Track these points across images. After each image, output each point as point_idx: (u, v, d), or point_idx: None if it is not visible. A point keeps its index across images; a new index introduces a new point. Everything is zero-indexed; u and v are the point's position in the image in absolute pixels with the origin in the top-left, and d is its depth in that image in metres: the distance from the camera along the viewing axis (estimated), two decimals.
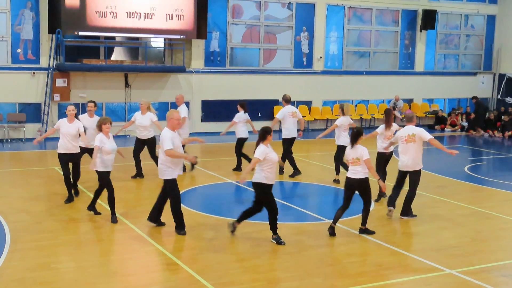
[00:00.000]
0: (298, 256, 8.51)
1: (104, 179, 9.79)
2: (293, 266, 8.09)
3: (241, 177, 9.07)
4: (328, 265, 8.13)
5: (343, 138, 12.78)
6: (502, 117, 23.64)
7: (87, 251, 8.43)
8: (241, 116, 14.21)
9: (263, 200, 8.81)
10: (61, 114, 19.62)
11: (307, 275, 7.75)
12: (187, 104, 20.51)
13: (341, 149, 12.53)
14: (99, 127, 9.81)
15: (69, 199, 11.07)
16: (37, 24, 18.95)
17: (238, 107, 14.39)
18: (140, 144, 13.34)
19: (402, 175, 10.50)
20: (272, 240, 8.87)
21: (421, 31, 25.24)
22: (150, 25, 19.79)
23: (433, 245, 9.07)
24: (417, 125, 10.56)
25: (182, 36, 20.46)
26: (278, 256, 8.34)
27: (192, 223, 9.85)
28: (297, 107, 22.86)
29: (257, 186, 8.76)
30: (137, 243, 8.89)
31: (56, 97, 19.15)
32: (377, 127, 13.33)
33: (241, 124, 14.21)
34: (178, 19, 20.20)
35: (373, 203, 11.07)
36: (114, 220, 9.76)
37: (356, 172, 9.21)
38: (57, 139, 11.14)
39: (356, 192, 9.34)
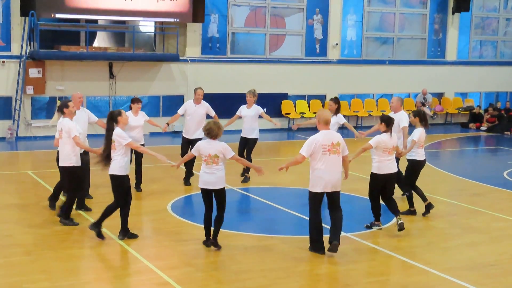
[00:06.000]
0: (311, 275, 8.51)
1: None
2: (305, 286, 8.09)
3: None
4: (344, 285, 8.12)
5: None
6: None
7: (64, 268, 8.43)
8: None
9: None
10: (35, 109, 19.69)
11: None
12: (181, 98, 20.57)
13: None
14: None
15: None
16: (8, 5, 18.98)
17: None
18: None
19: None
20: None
21: (453, 14, 25.22)
22: (138, 6, 19.79)
23: (466, 262, 9.06)
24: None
25: (175, 20, 20.49)
26: (287, 275, 8.32)
27: (186, 237, 9.87)
28: (309, 102, 23.01)
29: None
30: (123, 260, 8.90)
31: (30, 89, 19.18)
32: None
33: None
34: (171, 0, 20.23)
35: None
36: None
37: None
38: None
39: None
